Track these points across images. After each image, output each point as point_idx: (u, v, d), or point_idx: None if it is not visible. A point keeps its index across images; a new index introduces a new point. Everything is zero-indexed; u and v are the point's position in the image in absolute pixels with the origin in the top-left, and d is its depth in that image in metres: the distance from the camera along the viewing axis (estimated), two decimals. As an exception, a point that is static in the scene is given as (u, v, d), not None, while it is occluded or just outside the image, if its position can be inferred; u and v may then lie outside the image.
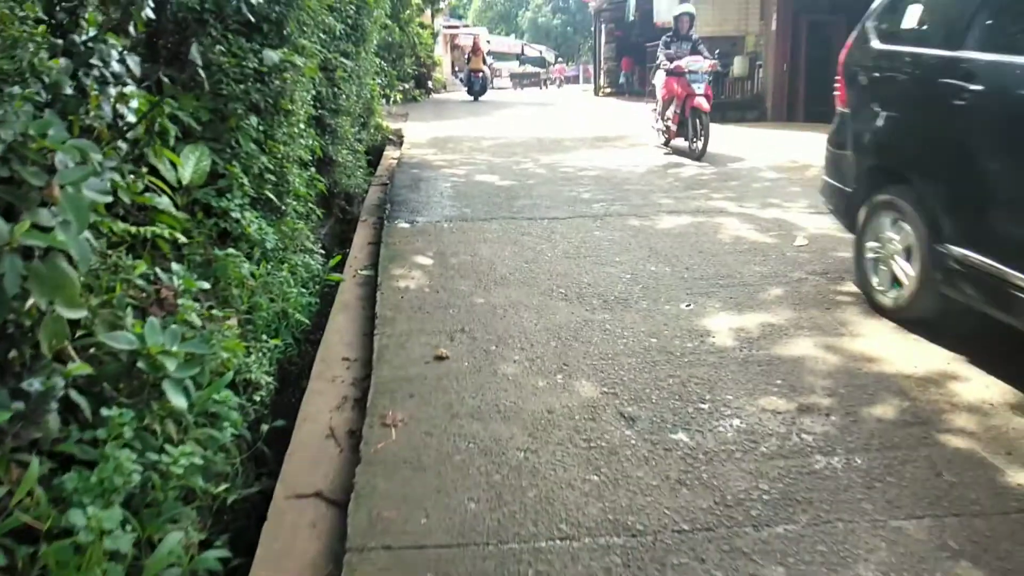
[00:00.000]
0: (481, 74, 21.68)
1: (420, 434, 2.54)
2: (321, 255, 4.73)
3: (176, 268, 3.01)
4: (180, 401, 2.28)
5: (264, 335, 3.42)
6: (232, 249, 3.53)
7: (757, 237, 5.05)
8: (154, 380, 2.34)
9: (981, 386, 2.81)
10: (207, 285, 3.12)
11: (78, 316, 1.89)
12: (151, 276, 2.92)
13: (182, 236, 3.21)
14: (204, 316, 2.89)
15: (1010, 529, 2.02)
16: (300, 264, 4.21)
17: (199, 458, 2.29)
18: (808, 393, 2.78)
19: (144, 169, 3.26)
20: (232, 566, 2.04)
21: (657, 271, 4.32)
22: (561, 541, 1.98)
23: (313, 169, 5.18)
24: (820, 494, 2.17)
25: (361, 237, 5.46)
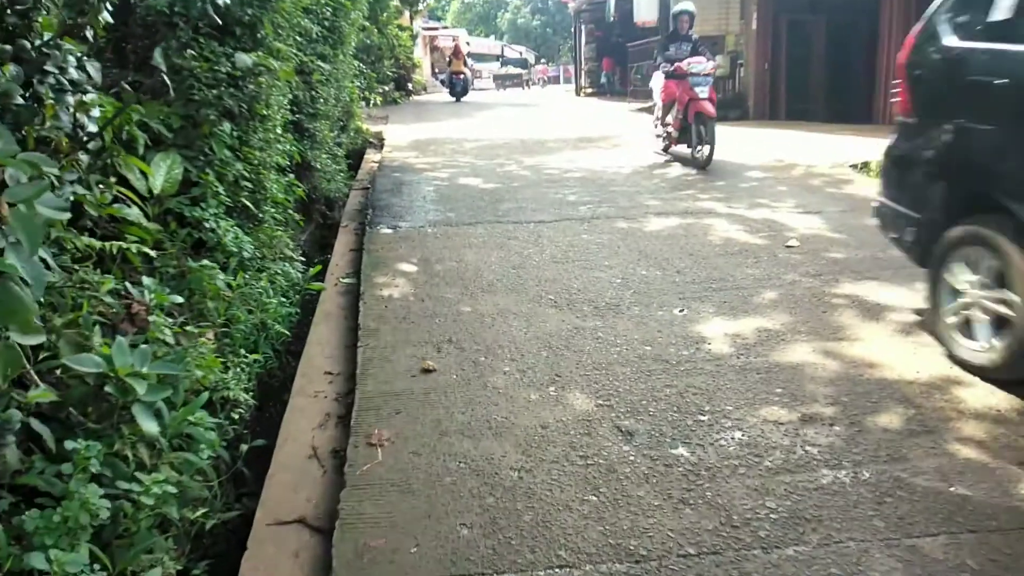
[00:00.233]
0: (462, 76, 22.12)
1: (408, 454, 2.41)
2: (301, 262, 4.58)
3: (147, 282, 2.87)
4: (151, 426, 2.14)
5: (242, 349, 3.27)
6: (207, 260, 3.38)
7: (747, 239, 4.96)
8: (124, 403, 2.20)
9: (986, 391, 2.73)
10: (180, 299, 2.98)
11: (34, 342, 1.75)
12: (121, 290, 2.78)
13: (152, 250, 3.07)
14: (177, 332, 2.74)
15: (1028, 545, 1.93)
16: (279, 273, 4.06)
17: (174, 485, 2.16)
18: (810, 402, 2.69)
19: (113, 179, 3.12)
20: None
21: (648, 275, 4.22)
22: (560, 570, 1.87)
23: (292, 175, 5.04)
24: (829, 511, 2.07)
25: (342, 244, 5.31)
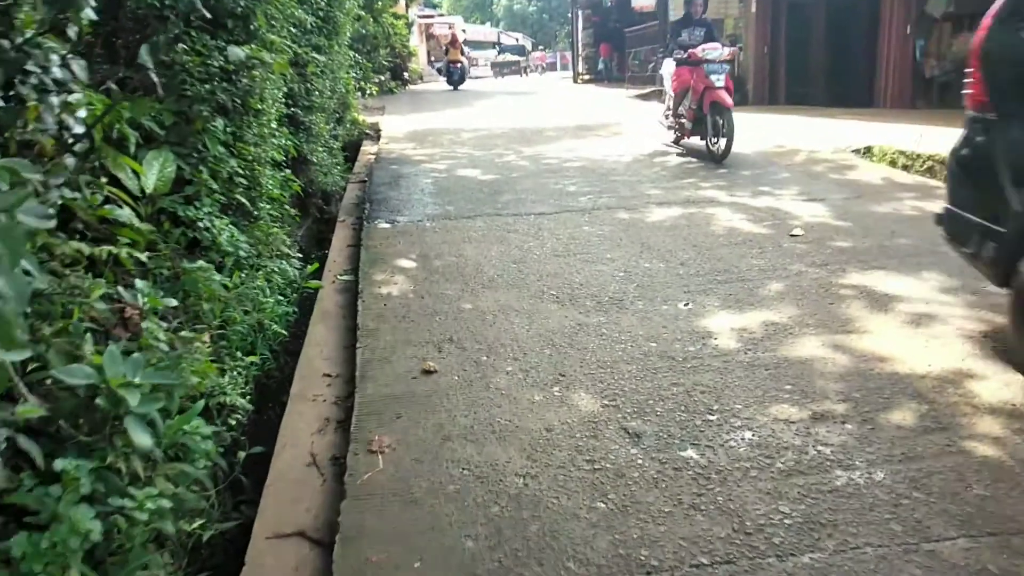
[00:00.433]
0: (459, 65, 22.74)
1: (410, 461, 2.35)
2: (298, 259, 4.50)
3: (140, 285, 2.79)
4: (144, 439, 2.07)
5: (239, 351, 3.21)
6: (202, 260, 3.31)
7: (751, 228, 4.89)
8: (116, 415, 2.14)
9: (1000, 384, 2.67)
10: (175, 302, 2.90)
11: (19, 358, 1.68)
12: (114, 294, 2.71)
13: (146, 251, 3.00)
14: (171, 338, 2.68)
15: (1051, 548, 1.87)
16: (276, 271, 3.99)
17: (169, 498, 2.10)
18: (820, 399, 2.62)
19: (104, 180, 3.04)
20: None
21: (651, 268, 4.15)
22: (569, 582, 1.81)
23: (287, 170, 4.95)
24: (845, 515, 2.01)
25: (340, 239, 5.24)
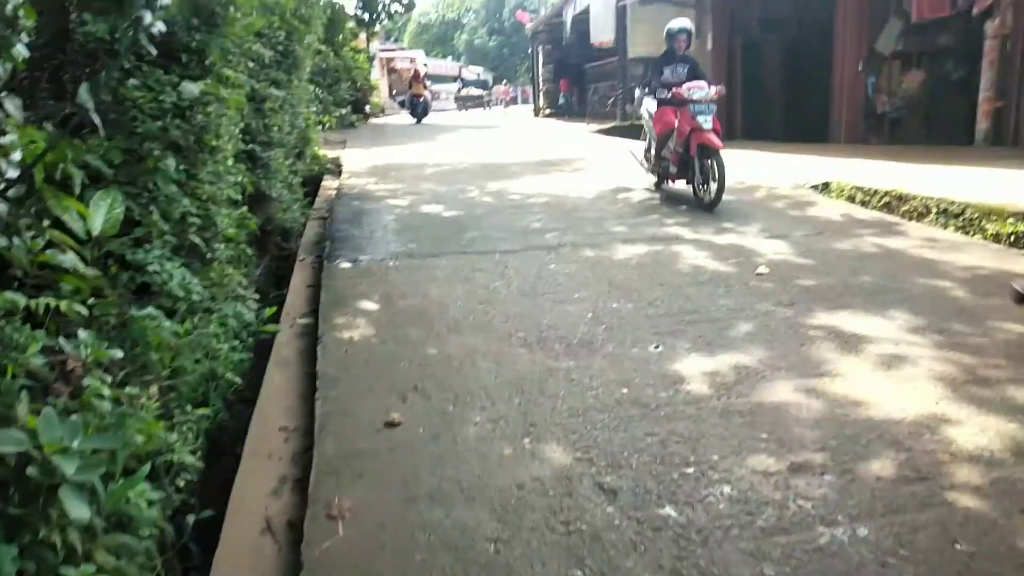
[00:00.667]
0: (422, 98, 23.63)
1: (372, 526, 2.20)
2: (255, 300, 4.33)
3: (84, 336, 2.61)
4: (81, 511, 1.89)
5: (189, 404, 3.03)
6: (152, 306, 3.14)
7: (717, 266, 4.87)
8: (52, 483, 1.96)
9: (976, 429, 2.63)
10: (121, 353, 2.72)
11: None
12: (55, 346, 2.53)
13: (91, 297, 2.82)
14: (116, 394, 2.50)
15: (1042, 609, 1.81)
16: (231, 314, 3.81)
17: (109, 574, 1.93)
18: (798, 448, 2.55)
19: (46, 223, 2.87)
20: None
21: (619, 308, 4.08)
22: (546, 662, 1.68)
23: (244, 207, 4.79)
24: (831, 578, 1.92)
25: (299, 280, 5.07)
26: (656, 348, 3.49)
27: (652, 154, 7.83)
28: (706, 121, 6.73)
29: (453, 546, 2.08)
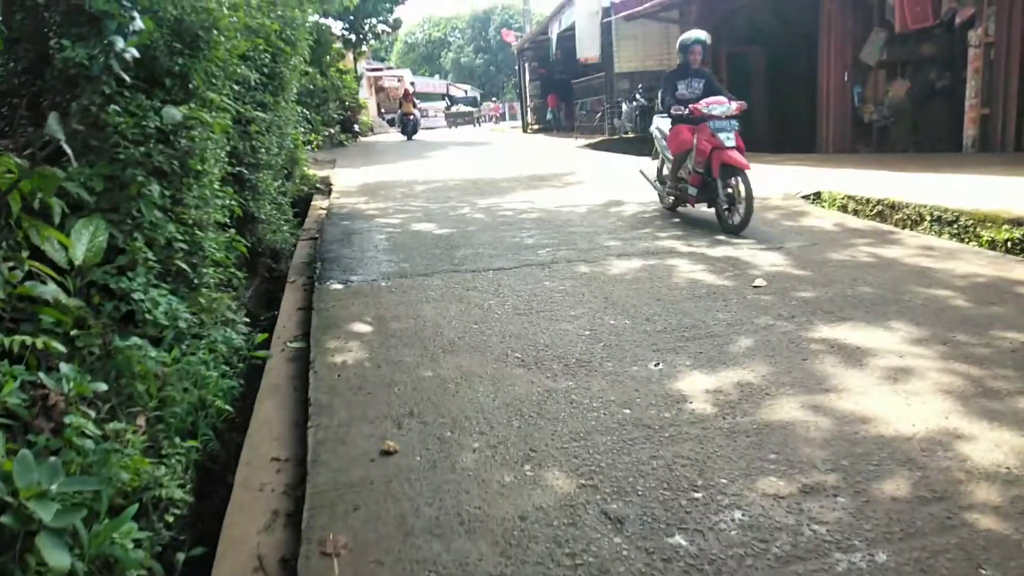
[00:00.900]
0: (412, 116, 25.17)
1: (368, 564, 2.09)
2: (245, 324, 4.24)
3: (65, 369, 2.52)
4: (60, 559, 1.79)
5: (178, 435, 2.92)
6: (137, 335, 3.04)
7: (713, 280, 4.81)
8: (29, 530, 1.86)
9: (990, 445, 2.56)
10: (104, 386, 2.63)
11: None
12: (36, 380, 2.43)
13: (73, 329, 2.73)
14: (99, 430, 2.39)
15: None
16: (220, 340, 3.72)
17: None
18: (808, 469, 2.47)
19: (26, 253, 2.78)
20: None
21: (617, 325, 4.00)
22: None
23: (233, 230, 4.70)
24: (852, 607, 1.84)
25: (289, 302, 4.98)
26: (656, 366, 3.42)
27: (668, 176, 7.26)
28: (728, 139, 6.25)
29: (455, 584, 1.99)
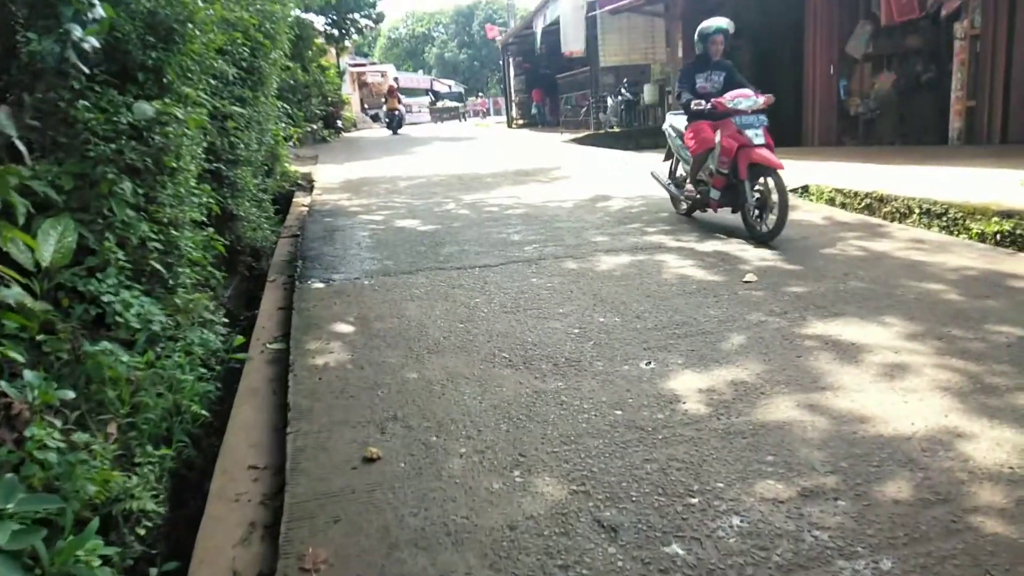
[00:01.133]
0: (397, 112, 25.69)
1: (351, 579, 1.99)
2: (224, 325, 4.11)
3: (30, 376, 2.39)
4: (16, 583, 1.68)
5: (150, 445, 2.80)
6: (107, 341, 2.91)
7: (703, 275, 4.73)
8: (-18, 550, 1.74)
9: (991, 444, 2.49)
10: (72, 394, 2.50)
11: None
12: (-2, 388, 2.30)
13: (40, 333, 2.61)
14: (64, 444, 2.27)
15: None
16: (196, 342, 3.59)
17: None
18: (807, 472, 2.39)
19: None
20: None
21: (607, 322, 3.91)
22: None
23: (211, 229, 4.56)
24: (858, 619, 1.76)
25: (269, 302, 4.84)
26: (648, 365, 3.33)
27: (685, 178, 6.57)
28: (756, 135, 5.55)
29: (441, 601, 1.89)
